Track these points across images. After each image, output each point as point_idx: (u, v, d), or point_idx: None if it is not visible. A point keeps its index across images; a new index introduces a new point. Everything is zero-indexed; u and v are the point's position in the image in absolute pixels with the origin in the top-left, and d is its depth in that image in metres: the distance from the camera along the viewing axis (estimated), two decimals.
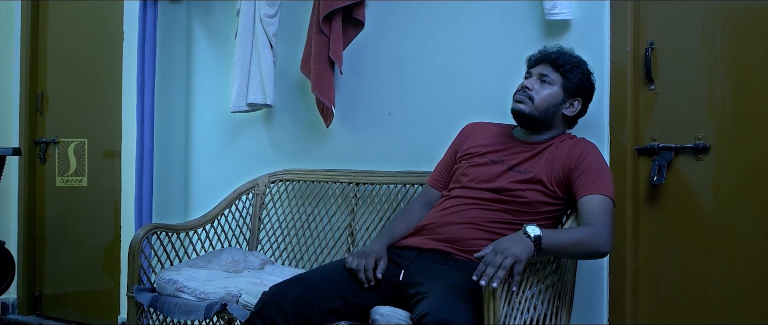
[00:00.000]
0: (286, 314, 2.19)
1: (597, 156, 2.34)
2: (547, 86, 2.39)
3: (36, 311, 4.47)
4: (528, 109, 2.38)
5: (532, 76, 2.43)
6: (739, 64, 2.42)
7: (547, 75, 2.39)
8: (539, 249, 2.03)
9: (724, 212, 2.45)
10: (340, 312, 2.24)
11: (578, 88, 2.40)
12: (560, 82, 2.39)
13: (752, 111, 2.40)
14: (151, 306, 2.75)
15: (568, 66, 2.39)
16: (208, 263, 2.98)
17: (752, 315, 2.38)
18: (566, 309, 2.36)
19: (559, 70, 2.39)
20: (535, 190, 2.31)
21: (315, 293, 2.23)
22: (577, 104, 2.42)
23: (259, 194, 3.31)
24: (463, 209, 2.37)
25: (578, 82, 2.40)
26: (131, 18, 3.82)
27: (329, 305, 2.23)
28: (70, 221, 4.32)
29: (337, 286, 2.27)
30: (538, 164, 2.35)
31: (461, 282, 2.09)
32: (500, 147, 2.46)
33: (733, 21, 2.44)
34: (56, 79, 4.42)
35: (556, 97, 2.39)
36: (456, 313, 1.95)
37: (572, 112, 2.42)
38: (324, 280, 2.30)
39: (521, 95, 2.40)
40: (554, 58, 2.40)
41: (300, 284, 2.28)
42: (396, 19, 3.11)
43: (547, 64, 2.41)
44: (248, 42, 3.32)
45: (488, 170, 2.41)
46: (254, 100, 3.31)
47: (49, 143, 4.40)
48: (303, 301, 2.21)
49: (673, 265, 2.53)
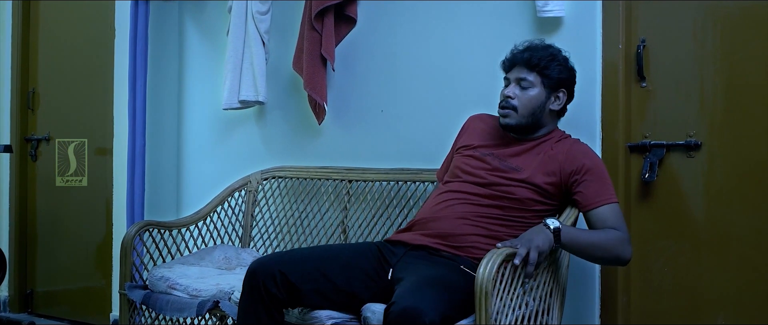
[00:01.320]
0: (276, 281, 2.20)
1: (598, 160, 2.35)
2: (528, 90, 2.36)
3: (27, 309, 4.46)
4: (514, 120, 2.37)
5: (510, 82, 2.40)
6: (730, 62, 2.43)
7: (525, 78, 2.36)
8: (559, 240, 2.13)
9: (716, 209, 2.45)
10: (324, 295, 2.23)
11: (559, 81, 2.37)
12: (539, 81, 2.36)
13: (743, 108, 2.41)
14: (143, 303, 2.74)
15: (543, 63, 2.35)
16: (201, 261, 2.97)
17: (743, 312, 2.39)
18: (558, 306, 2.36)
19: (535, 70, 2.35)
20: (526, 187, 2.31)
21: (302, 267, 2.23)
22: (563, 96, 2.40)
23: (251, 191, 3.31)
24: (455, 204, 2.38)
25: (557, 74, 2.36)
26: (123, 15, 3.81)
27: (315, 286, 2.22)
28: (61, 218, 4.31)
29: (328, 268, 2.26)
30: (530, 161, 2.36)
31: (438, 274, 2.10)
32: (495, 142, 2.46)
33: (724, 18, 2.45)
34: (48, 76, 4.41)
35: (539, 98, 2.36)
36: (422, 300, 1.92)
37: (559, 105, 2.40)
38: (312, 259, 2.29)
39: (505, 108, 2.38)
40: (527, 59, 2.36)
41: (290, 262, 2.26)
42: (388, 16, 3.11)
43: (522, 67, 2.37)
44: (240, 39, 3.31)
45: (480, 164, 2.42)
46: (246, 97, 3.31)
47: (40, 140, 4.39)
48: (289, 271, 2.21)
49: (664, 262, 2.53)
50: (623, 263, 2.28)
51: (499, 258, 1.97)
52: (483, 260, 1.97)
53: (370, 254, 2.34)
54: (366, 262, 2.30)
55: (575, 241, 2.18)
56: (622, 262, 2.27)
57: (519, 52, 2.40)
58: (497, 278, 1.97)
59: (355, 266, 2.28)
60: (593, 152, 2.38)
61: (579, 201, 2.28)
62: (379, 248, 2.37)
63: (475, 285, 1.94)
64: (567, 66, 2.40)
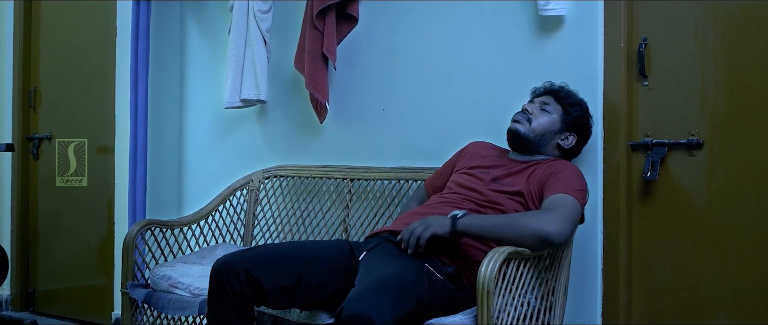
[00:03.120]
0: (239, 279, 2.13)
1: (572, 168, 2.38)
2: (547, 114, 2.46)
3: (29, 308, 4.47)
4: (524, 129, 2.45)
5: (533, 103, 2.50)
6: (732, 60, 2.43)
7: (549, 104, 2.48)
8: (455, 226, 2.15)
9: (718, 208, 2.45)
10: (288, 291, 2.17)
11: (575, 123, 2.48)
12: (559, 113, 2.47)
13: (745, 107, 2.41)
14: (145, 302, 2.75)
15: (569, 100, 2.48)
16: (203, 259, 2.98)
17: (745, 311, 2.39)
18: (560, 305, 2.36)
19: (560, 102, 2.48)
20: (515, 200, 2.34)
21: (269, 264, 2.17)
22: (572, 138, 2.48)
23: (253, 189, 3.31)
24: (442, 203, 2.41)
25: (576, 117, 2.47)
26: (124, 14, 3.81)
27: (280, 282, 2.15)
28: (63, 217, 4.31)
29: (291, 264, 2.19)
30: (520, 179, 2.39)
31: (395, 273, 2.04)
32: (491, 163, 2.51)
33: (726, 17, 2.45)
34: (49, 75, 4.41)
35: (553, 125, 2.46)
36: (372, 306, 1.85)
37: (567, 144, 2.48)
38: (278, 256, 2.21)
39: (520, 116, 2.48)
40: (557, 91, 2.51)
41: (256, 255, 2.20)
42: (389, 15, 3.11)
43: (550, 96, 2.51)
44: (242, 38, 3.32)
45: (473, 179, 2.46)
46: (248, 96, 3.31)
47: (42, 139, 4.39)
48: (255, 268, 2.14)
49: (666, 261, 2.53)
50: (546, 240, 2.09)
51: (501, 257, 1.98)
52: (485, 259, 1.97)
53: (339, 249, 2.30)
54: (333, 258, 2.25)
55: (477, 225, 2.16)
56: (542, 238, 2.08)
57: (553, 85, 2.54)
58: (498, 277, 1.97)
59: (321, 261, 2.22)
60: (573, 165, 2.42)
61: (543, 198, 2.28)
62: (351, 244, 2.34)
63: (477, 283, 1.94)
64: (586, 117, 2.51)
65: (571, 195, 2.22)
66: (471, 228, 2.16)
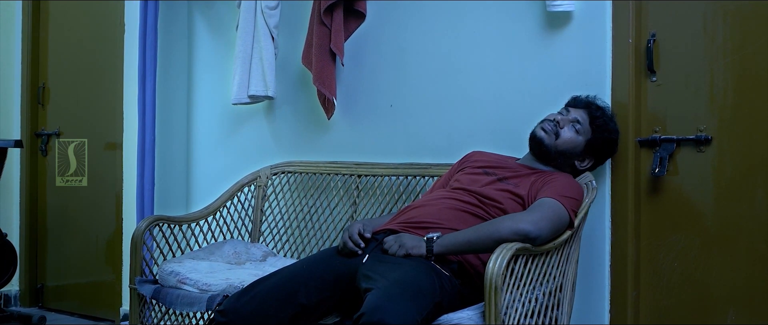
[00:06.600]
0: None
1: (568, 178, 2.40)
2: (575, 134, 2.45)
3: (38, 303, 4.49)
4: (548, 141, 2.46)
5: (568, 115, 2.48)
6: (741, 56, 2.42)
7: (581, 124, 2.45)
8: (431, 250, 2.16)
9: (726, 205, 2.45)
10: (299, 317, 2.17)
11: (599, 152, 2.49)
12: (588, 138, 2.46)
13: (754, 103, 2.40)
14: (153, 298, 2.75)
15: (602, 128, 2.46)
16: (210, 255, 2.98)
17: (753, 307, 2.38)
18: (568, 301, 2.36)
19: (592, 126, 2.46)
20: (516, 202, 2.34)
21: (269, 304, 2.16)
22: (588, 162, 2.51)
23: (260, 185, 3.32)
24: (441, 199, 2.41)
25: (602, 143, 2.48)
26: (132, 11, 3.82)
27: (287, 312, 2.16)
28: (71, 213, 4.33)
29: (290, 292, 2.18)
30: (525, 183, 2.39)
31: (410, 277, 2.03)
32: (498, 165, 2.52)
33: (735, 12, 2.44)
34: (57, 71, 4.43)
35: (576, 147, 2.47)
36: (393, 313, 1.86)
37: (581, 167, 2.51)
38: (276, 289, 2.20)
39: (549, 125, 2.47)
40: (594, 113, 2.47)
41: (254, 298, 2.18)
42: (397, 11, 3.11)
43: (586, 115, 2.48)
44: (250, 34, 3.32)
45: (478, 178, 2.46)
46: (256, 92, 3.31)
47: (50, 135, 4.41)
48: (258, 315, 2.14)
49: (674, 257, 2.53)
50: (523, 235, 2.09)
51: (509, 253, 1.98)
52: (492, 255, 1.97)
53: (328, 256, 2.32)
54: (326, 267, 2.25)
55: (454, 243, 2.17)
56: (519, 234, 2.09)
57: (592, 104, 2.50)
58: (506, 273, 1.97)
59: (316, 276, 2.22)
60: (573, 180, 2.43)
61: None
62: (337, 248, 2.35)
63: (485, 279, 1.94)
64: (612, 145, 2.51)
65: (558, 200, 2.23)
66: (449, 247, 2.17)
